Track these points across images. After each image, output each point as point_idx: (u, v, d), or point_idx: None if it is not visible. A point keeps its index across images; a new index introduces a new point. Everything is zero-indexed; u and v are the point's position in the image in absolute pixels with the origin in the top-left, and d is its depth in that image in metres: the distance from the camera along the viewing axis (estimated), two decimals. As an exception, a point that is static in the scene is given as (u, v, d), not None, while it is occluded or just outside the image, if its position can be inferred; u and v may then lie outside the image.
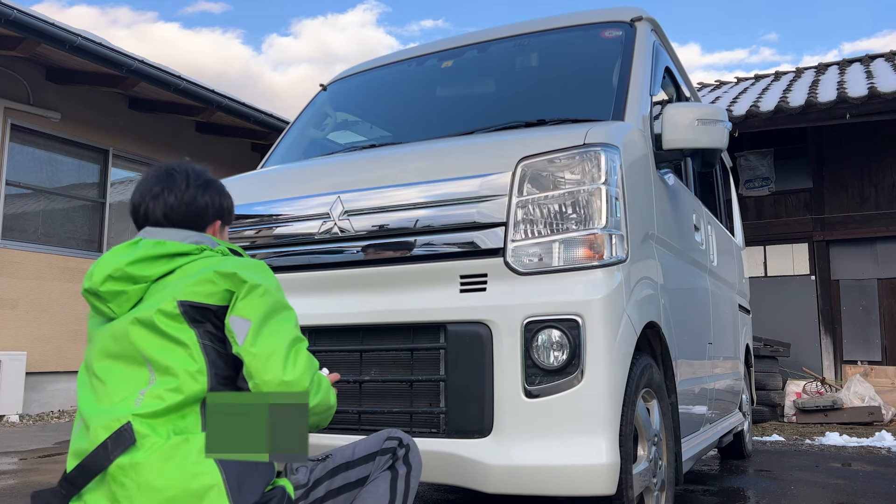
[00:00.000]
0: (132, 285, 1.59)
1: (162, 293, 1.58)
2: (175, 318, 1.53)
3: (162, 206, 1.73)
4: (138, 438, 1.42)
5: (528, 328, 2.06)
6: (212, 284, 1.55)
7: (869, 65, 10.33)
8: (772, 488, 3.97)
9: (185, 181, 1.76)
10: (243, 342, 1.51)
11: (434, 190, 2.33)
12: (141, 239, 1.68)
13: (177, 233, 1.71)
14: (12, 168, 7.33)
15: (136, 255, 1.61)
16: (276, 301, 1.59)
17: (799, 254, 9.35)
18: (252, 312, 1.54)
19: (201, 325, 1.54)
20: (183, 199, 1.74)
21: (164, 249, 1.63)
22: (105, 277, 1.58)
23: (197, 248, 1.67)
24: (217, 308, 1.55)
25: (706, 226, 3.69)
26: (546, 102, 3.00)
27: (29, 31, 6.42)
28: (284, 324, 1.58)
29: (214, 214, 1.80)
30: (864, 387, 7.24)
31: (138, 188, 1.78)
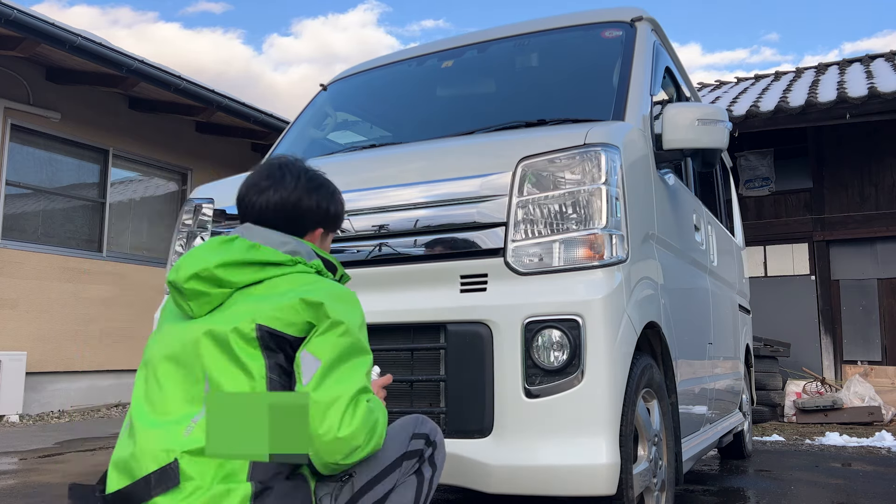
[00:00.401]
0: (216, 289, 1.52)
1: (243, 307, 1.50)
2: (250, 341, 1.45)
3: (264, 203, 1.66)
4: (182, 480, 1.36)
5: (529, 328, 2.06)
6: (295, 313, 1.47)
7: (869, 65, 10.33)
8: (772, 488, 3.97)
9: (296, 181, 1.69)
10: (307, 383, 1.43)
11: (434, 190, 2.33)
12: (237, 237, 1.60)
13: (275, 236, 1.62)
14: (12, 168, 7.33)
15: (227, 256, 1.53)
16: (354, 343, 1.50)
17: (799, 254, 9.35)
18: (325, 352, 1.45)
19: (274, 356, 1.46)
20: (288, 199, 1.66)
21: (257, 256, 1.55)
22: (191, 275, 1.51)
23: (291, 260, 1.58)
24: (294, 339, 1.47)
25: (706, 226, 3.69)
26: (546, 102, 3.00)
27: (29, 31, 6.42)
28: (355, 371, 1.48)
29: (317, 221, 1.71)
30: (864, 387, 7.24)
31: (247, 179, 1.71)
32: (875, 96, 7.69)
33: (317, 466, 1.46)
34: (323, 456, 1.43)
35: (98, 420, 6.96)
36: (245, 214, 1.70)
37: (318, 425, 1.41)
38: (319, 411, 1.42)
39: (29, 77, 7.43)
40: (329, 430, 1.41)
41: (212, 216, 2.77)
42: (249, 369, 1.44)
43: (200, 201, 2.83)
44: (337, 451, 1.43)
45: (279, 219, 1.66)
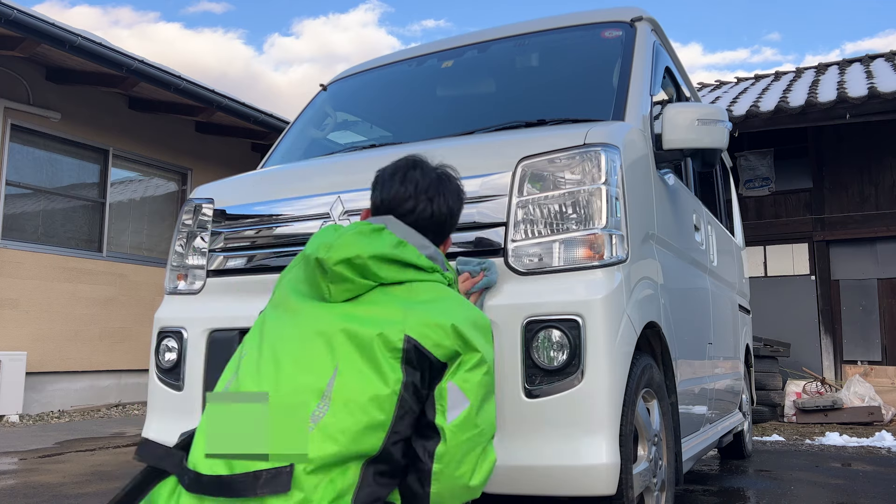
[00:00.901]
0: (362, 279, 1.48)
1: (388, 310, 1.46)
2: (394, 351, 1.40)
3: (430, 210, 1.65)
4: (293, 488, 1.30)
5: (529, 328, 2.05)
6: (445, 336, 1.43)
7: (869, 65, 10.33)
8: (772, 488, 3.97)
9: (458, 191, 1.72)
10: (452, 421, 1.39)
11: (434, 190, 2.32)
12: (384, 228, 1.56)
13: (417, 237, 1.61)
14: (12, 168, 7.34)
15: (380, 249, 1.49)
16: (493, 382, 1.50)
17: (799, 254, 9.35)
18: (473, 392, 1.43)
19: (413, 373, 1.41)
20: (444, 209, 1.68)
21: (403, 255, 1.52)
22: (343, 259, 1.46)
23: (431, 266, 1.57)
24: (437, 362, 1.43)
25: (706, 226, 3.69)
26: (546, 102, 3.00)
27: (29, 31, 6.42)
28: (491, 412, 1.48)
29: (452, 229, 1.74)
30: (864, 387, 7.24)
31: (408, 181, 1.68)
32: (875, 96, 7.69)
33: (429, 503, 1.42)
34: (446, 498, 1.41)
35: (98, 420, 6.96)
36: (393, 207, 1.67)
37: (456, 468, 1.40)
38: (461, 453, 1.40)
39: (29, 77, 7.43)
40: (464, 476, 1.41)
41: (212, 216, 2.77)
42: (387, 379, 1.39)
43: (200, 201, 2.83)
44: (460, 496, 1.42)
45: (429, 225, 1.66)
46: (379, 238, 1.52)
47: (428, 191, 1.67)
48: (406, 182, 1.68)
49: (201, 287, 2.71)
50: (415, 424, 1.43)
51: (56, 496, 3.47)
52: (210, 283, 2.70)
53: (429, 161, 1.76)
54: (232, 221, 2.71)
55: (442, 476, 1.39)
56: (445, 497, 1.41)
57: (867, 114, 7.88)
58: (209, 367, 2.52)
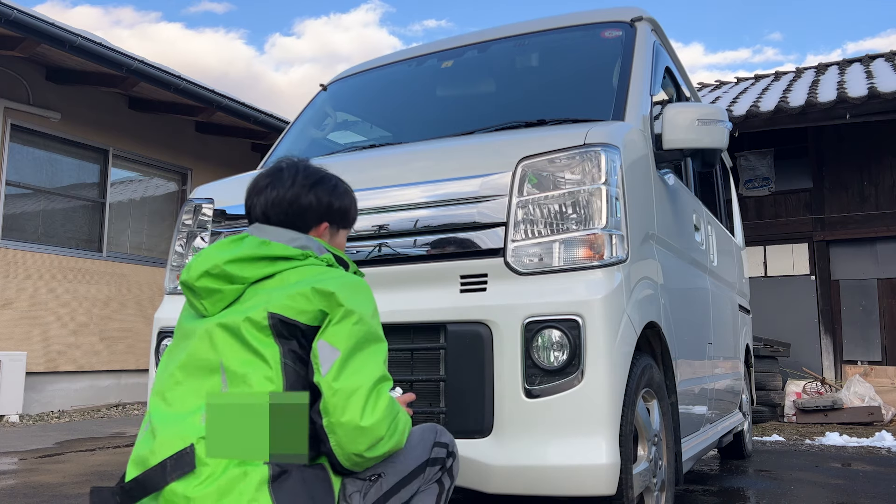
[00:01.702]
0: (228, 285, 1.53)
1: (255, 300, 1.51)
2: (262, 329, 1.46)
3: (263, 203, 1.68)
4: (198, 465, 1.36)
5: (529, 328, 2.06)
6: (307, 301, 1.47)
7: (869, 65, 10.33)
8: (772, 488, 3.97)
9: (293, 178, 1.70)
10: (326, 373, 1.43)
11: (434, 190, 2.33)
12: (247, 235, 1.62)
13: (284, 233, 1.64)
14: (12, 168, 7.34)
15: (238, 253, 1.54)
16: (369, 331, 1.51)
17: (799, 254, 9.35)
18: (342, 342, 1.45)
19: (287, 343, 1.47)
20: (285, 197, 1.67)
21: (268, 251, 1.56)
22: (202, 273, 1.52)
23: (301, 254, 1.59)
24: (306, 328, 1.47)
25: (706, 226, 3.69)
26: (546, 102, 3.00)
27: (29, 31, 6.42)
28: (372, 359, 1.49)
29: (320, 216, 1.71)
30: (864, 387, 7.24)
31: (251, 182, 1.74)
32: (875, 96, 7.69)
33: (339, 458, 1.45)
34: (346, 446, 1.43)
35: (98, 420, 6.96)
36: (250, 215, 1.71)
37: (341, 414, 1.41)
38: (341, 400, 1.41)
39: (29, 77, 7.43)
40: (352, 419, 1.41)
41: (211, 216, 2.77)
42: (264, 356, 1.45)
43: (200, 201, 2.83)
44: (360, 441, 1.43)
45: (280, 215, 1.67)
46: (239, 244, 1.57)
47: (258, 184, 1.71)
48: (249, 185, 1.74)
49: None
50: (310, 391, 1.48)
51: (56, 496, 3.47)
52: (210, 283, 2.70)
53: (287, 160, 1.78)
54: (232, 221, 2.71)
55: (332, 427, 1.42)
56: (345, 444, 1.43)
57: (867, 114, 7.88)
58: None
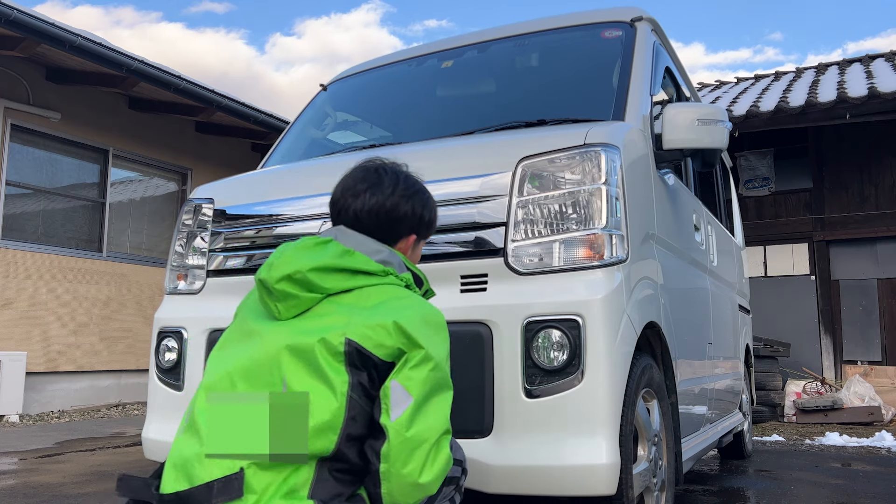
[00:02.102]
0: (307, 293, 1.49)
1: (333, 319, 1.47)
2: (336, 355, 1.42)
3: (360, 206, 1.63)
4: (245, 492, 1.34)
5: (529, 328, 2.05)
6: (387, 335, 1.44)
7: (869, 65, 10.33)
8: (772, 488, 3.97)
9: (393, 185, 1.66)
10: (396, 419, 1.40)
11: (434, 190, 2.31)
12: (332, 240, 1.57)
13: (369, 243, 1.60)
14: (12, 168, 7.34)
15: (321, 260, 1.50)
16: (443, 378, 1.49)
17: (799, 254, 9.35)
18: (417, 388, 1.42)
19: (358, 374, 1.42)
20: (384, 205, 1.64)
21: (350, 263, 1.52)
22: (283, 276, 1.49)
23: (383, 271, 1.56)
24: (381, 362, 1.44)
25: (706, 226, 3.69)
26: (546, 102, 3.00)
27: (29, 31, 6.42)
28: (441, 409, 1.46)
29: (411, 227, 1.69)
30: (864, 387, 7.24)
31: (343, 182, 1.68)
32: (875, 96, 7.69)
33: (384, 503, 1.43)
34: (397, 496, 1.41)
35: (98, 420, 6.96)
36: (338, 217, 1.66)
37: (402, 466, 1.39)
38: (406, 450, 1.39)
39: (29, 77, 7.43)
40: (412, 473, 1.40)
41: (212, 216, 2.77)
42: (332, 383, 1.41)
43: (200, 201, 2.83)
44: (412, 495, 1.42)
45: (374, 223, 1.63)
46: (323, 250, 1.53)
47: (355, 187, 1.65)
48: (341, 185, 1.69)
49: (201, 287, 2.71)
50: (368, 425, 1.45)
51: (56, 496, 3.47)
52: (210, 283, 2.70)
53: (381, 162, 1.72)
54: (232, 221, 2.71)
55: (390, 475, 1.40)
56: (397, 496, 1.42)
57: (867, 114, 7.88)
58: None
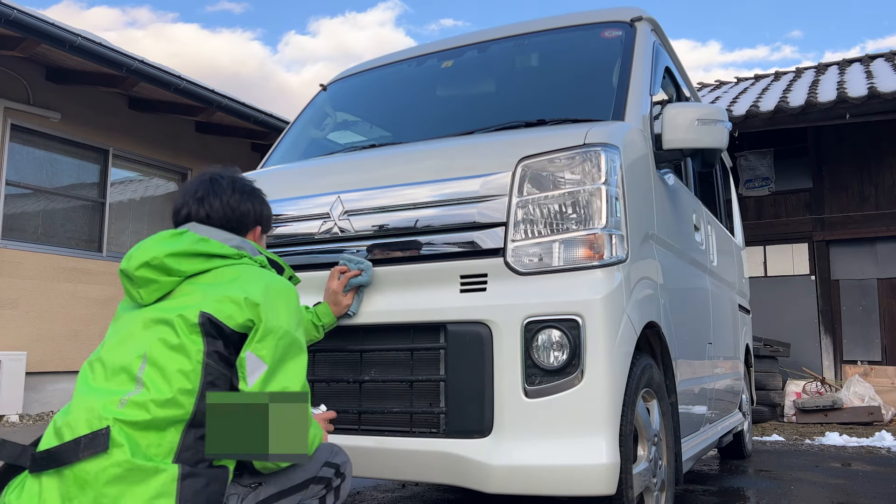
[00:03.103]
0: (165, 276, 1.61)
1: (190, 297, 1.60)
2: (192, 327, 1.54)
3: (206, 209, 1.78)
4: (111, 446, 1.42)
5: (529, 328, 2.06)
6: (238, 309, 1.57)
7: (869, 65, 10.33)
8: (772, 488, 3.97)
9: (231, 187, 1.83)
10: (252, 385, 1.53)
11: (434, 190, 2.33)
12: (187, 231, 1.71)
13: (221, 233, 1.75)
14: (12, 168, 7.33)
15: (177, 247, 1.63)
16: (292, 342, 1.61)
17: (799, 254, 9.35)
18: (268, 355, 1.56)
19: (214, 342, 1.55)
20: (228, 203, 1.80)
21: (206, 248, 1.66)
22: (142, 263, 1.61)
23: (237, 254, 1.70)
24: (231, 332, 1.56)
25: (706, 226, 3.69)
26: (546, 102, 3.00)
27: (29, 31, 6.42)
28: (295, 370, 1.60)
29: (255, 220, 1.86)
30: (864, 387, 7.24)
31: (182, 191, 1.84)
32: (875, 96, 7.69)
33: (255, 463, 1.55)
34: None
35: (98, 420, 6.95)
36: (186, 220, 1.80)
37: None
38: None
39: (29, 77, 7.43)
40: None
41: (212, 216, 2.76)
42: (188, 351, 1.53)
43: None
44: None
45: (220, 222, 1.79)
46: (178, 239, 1.67)
47: (196, 194, 1.81)
48: (183, 193, 1.85)
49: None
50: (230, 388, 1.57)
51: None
52: (210, 283, 2.70)
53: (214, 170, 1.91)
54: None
55: None
56: None
57: (867, 114, 7.88)
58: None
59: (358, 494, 3.73)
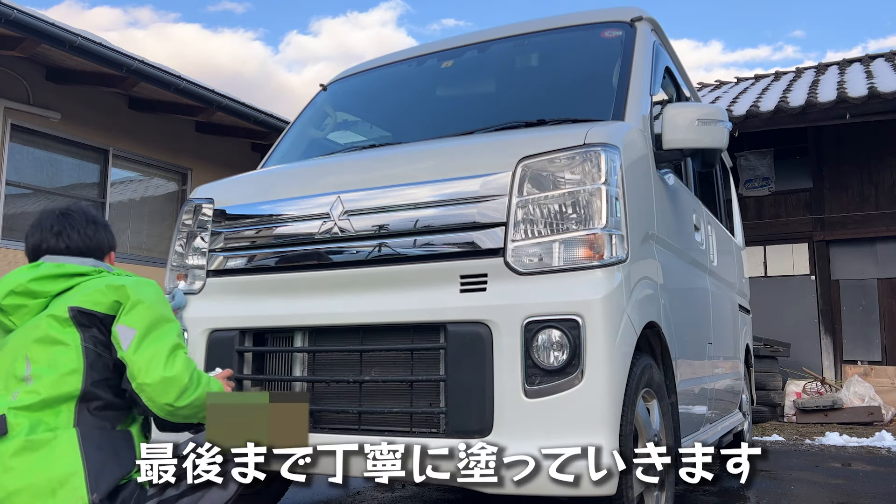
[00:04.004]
0: (32, 300, 1.79)
1: (59, 306, 1.77)
2: (64, 322, 1.73)
3: (66, 241, 1.95)
4: (10, 429, 1.61)
5: (529, 328, 2.06)
6: (101, 294, 1.77)
7: (869, 65, 10.33)
8: (772, 488, 3.97)
9: (84, 219, 2.01)
10: (127, 348, 1.72)
11: (434, 190, 2.33)
12: (42, 262, 1.89)
13: (76, 259, 1.92)
14: (12, 168, 7.33)
15: (37, 273, 1.82)
16: (160, 314, 1.81)
17: (799, 254, 9.35)
18: (138, 323, 1.75)
19: (88, 330, 1.74)
20: (85, 233, 1.98)
21: (65, 269, 1.85)
22: (7, 292, 1.79)
23: (96, 270, 1.89)
24: (104, 316, 1.76)
25: (706, 226, 3.69)
26: (546, 102, 3.00)
27: (29, 31, 6.41)
28: (166, 334, 1.79)
29: (109, 246, 2.05)
30: (864, 387, 7.24)
31: (36, 229, 2.00)
32: (875, 96, 7.68)
33: (155, 411, 1.73)
34: (156, 398, 1.71)
35: (98, 420, 6.95)
36: (44, 252, 1.95)
37: (145, 375, 1.70)
38: (144, 364, 1.71)
39: (29, 77, 7.43)
40: (156, 375, 1.69)
41: (212, 216, 2.77)
42: (66, 341, 1.72)
43: (200, 201, 2.83)
44: (168, 391, 1.71)
45: (82, 249, 1.95)
46: (37, 268, 1.85)
47: (53, 229, 1.97)
48: (40, 228, 2.00)
49: (201, 287, 2.71)
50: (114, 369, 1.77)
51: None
52: (210, 283, 2.70)
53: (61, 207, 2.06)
54: (232, 221, 2.71)
55: (142, 387, 1.72)
56: (156, 397, 1.73)
57: (867, 114, 7.87)
58: (209, 366, 2.52)
59: (358, 494, 3.73)
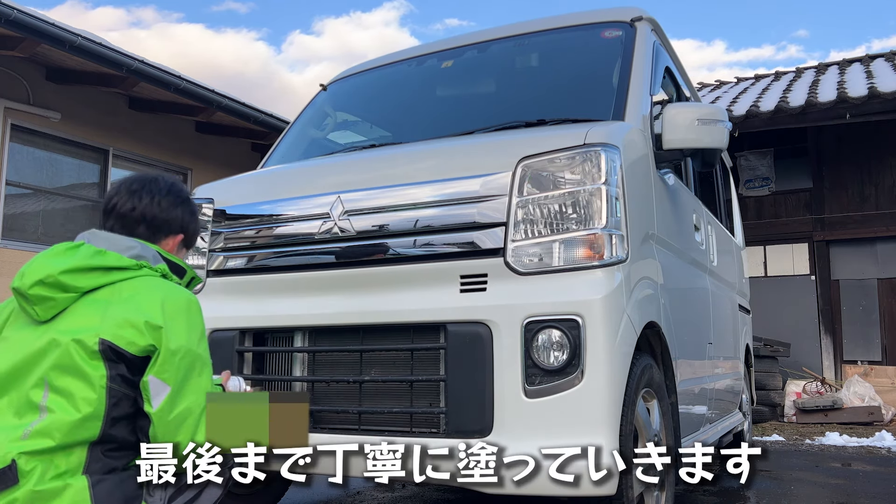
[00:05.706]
0: (61, 293, 1.59)
1: (88, 319, 1.58)
2: (92, 354, 1.54)
3: (135, 202, 1.76)
4: (20, 478, 1.46)
5: (529, 328, 2.05)
6: (138, 334, 1.55)
7: (869, 65, 10.33)
8: (772, 488, 3.97)
9: (167, 189, 1.81)
10: (157, 407, 1.54)
11: (434, 190, 2.33)
12: (83, 243, 1.68)
13: (121, 241, 1.71)
14: (12, 168, 7.33)
15: (72, 263, 1.61)
16: (194, 360, 1.61)
17: (799, 254, 9.35)
18: (173, 378, 1.56)
19: (116, 366, 1.55)
20: (158, 203, 1.78)
21: (102, 261, 1.63)
22: (35, 281, 1.58)
23: (136, 265, 1.67)
24: (134, 357, 1.56)
25: (706, 226, 3.69)
26: (546, 102, 3.00)
27: (29, 31, 6.41)
28: (199, 387, 1.60)
29: (180, 227, 1.82)
30: (864, 387, 7.24)
31: (118, 184, 1.82)
32: (875, 96, 7.68)
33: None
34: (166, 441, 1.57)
35: (98, 420, 6.95)
36: (112, 212, 1.77)
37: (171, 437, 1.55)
38: (171, 430, 1.54)
39: (29, 77, 7.43)
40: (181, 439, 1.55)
41: (212, 216, 2.77)
42: (90, 378, 1.52)
43: (200, 201, 2.83)
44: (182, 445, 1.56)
45: (145, 218, 1.76)
46: (74, 254, 1.64)
47: (131, 186, 1.79)
48: (118, 185, 1.83)
49: (201, 287, 2.71)
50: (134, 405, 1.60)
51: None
52: (210, 282, 2.70)
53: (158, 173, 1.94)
54: (232, 221, 2.71)
55: (160, 440, 1.57)
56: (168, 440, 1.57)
57: (867, 114, 7.87)
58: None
59: (358, 494, 3.73)
